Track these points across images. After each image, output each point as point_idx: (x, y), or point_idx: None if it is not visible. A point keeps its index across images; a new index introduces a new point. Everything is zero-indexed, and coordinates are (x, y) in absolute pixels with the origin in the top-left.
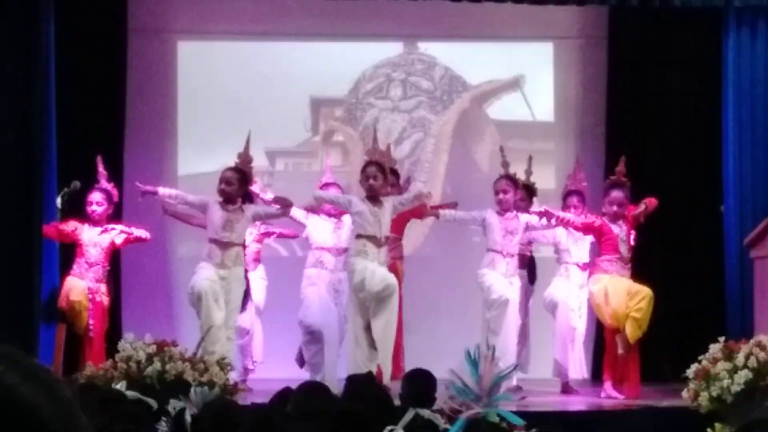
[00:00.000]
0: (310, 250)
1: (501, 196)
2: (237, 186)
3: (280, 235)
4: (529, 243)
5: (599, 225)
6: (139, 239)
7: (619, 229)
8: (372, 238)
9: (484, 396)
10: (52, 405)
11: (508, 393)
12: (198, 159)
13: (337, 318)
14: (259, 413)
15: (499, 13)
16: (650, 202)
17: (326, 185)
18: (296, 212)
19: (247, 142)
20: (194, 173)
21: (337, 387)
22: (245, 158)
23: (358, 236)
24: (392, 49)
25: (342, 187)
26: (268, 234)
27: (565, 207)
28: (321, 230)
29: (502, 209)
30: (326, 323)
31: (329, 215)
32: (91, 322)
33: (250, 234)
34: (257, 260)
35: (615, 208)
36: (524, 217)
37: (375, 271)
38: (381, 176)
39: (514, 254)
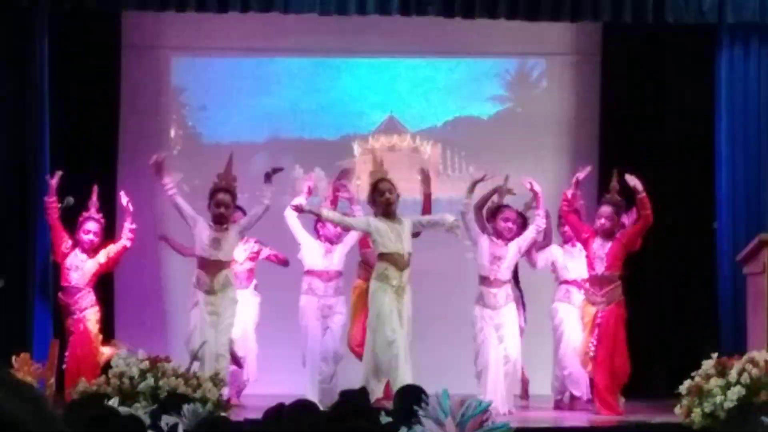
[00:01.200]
0: (303, 275)
1: (505, 224)
2: (232, 208)
3: (270, 258)
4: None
5: (586, 237)
6: (121, 251)
7: (599, 246)
8: (395, 257)
9: None
10: (38, 420)
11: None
12: (192, 175)
13: (320, 343)
14: (244, 430)
15: (492, 30)
16: (644, 212)
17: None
18: (294, 224)
19: (229, 162)
20: (187, 189)
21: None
22: (230, 177)
23: (380, 256)
24: (383, 65)
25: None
26: (258, 253)
27: (561, 226)
28: (312, 253)
29: (501, 238)
30: (310, 350)
31: (326, 238)
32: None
33: (244, 251)
34: (250, 278)
35: (602, 220)
36: (514, 245)
37: (397, 312)
38: (396, 192)
39: (504, 281)
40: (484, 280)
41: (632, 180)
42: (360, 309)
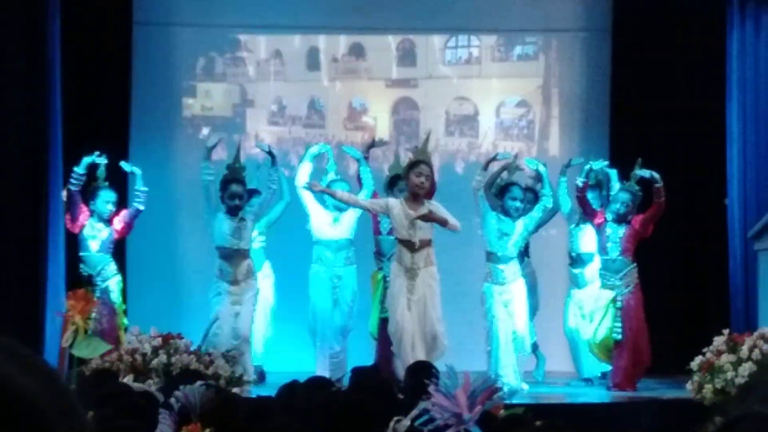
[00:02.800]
0: (313, 245)
1: (513, 203)
2: (245, 198)
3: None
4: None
5: (599, 222)
6: (134, 214)
7: (613, 231)
8: (405, 243)
9: (463, 415)
10: (50, 394)
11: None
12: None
13: (331, 314)
14: (256, 404)
15: (503, 7)
16: (658, 200)
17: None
18: (305, 194)
19: (238, 151)
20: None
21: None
22: (239, 167)
23: (396, 239)
24: (396, 42)
25: None
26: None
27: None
28: (321, 222)
29: (509, 215)
30: (319, 322)
31: (334, 206)
32: (104, 323)
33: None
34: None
35: (618, 206)
36: (521, 222)
37: (407, 294)
38: (431, 180)
39: (511, 257)
40: (491, 256)
41: (647, 171)
42: (378, 296)
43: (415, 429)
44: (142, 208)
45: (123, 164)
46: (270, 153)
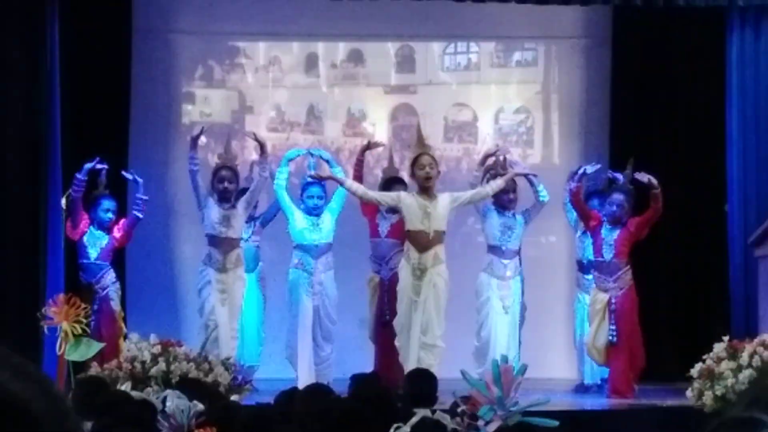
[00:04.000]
0: (293, 249)
1: (505, 196)
2: (235, 184)
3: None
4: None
5: (594, 224)
6: (133, 222)
7: (607, 233)
8: (418, 235)
9: (506, 407)
10: (43, 401)
11: (536, 400)
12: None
13: (310, 319)
14: (255, 411)
15: (503, 13)
16: (655, 206)
17: (309, 184)
18: (283, 196)
19: (229, 140)
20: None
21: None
22: (231, 155)
23: (407, 233)
24: (394, 48)
25: None
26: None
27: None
28: (300, 227)
29: (506, 209)
30: (301, 327)
31: (309, 213)
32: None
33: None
34: (254, 261)
35: (614, 208)
36: (521, 216)
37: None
38: (436, 168)
39: (514, 252)
40: (495, 250)
41: (645, 176)
42: (374, 300)
43: None
44: (140, 216)
45: (125, 173)
46: (257, 140)
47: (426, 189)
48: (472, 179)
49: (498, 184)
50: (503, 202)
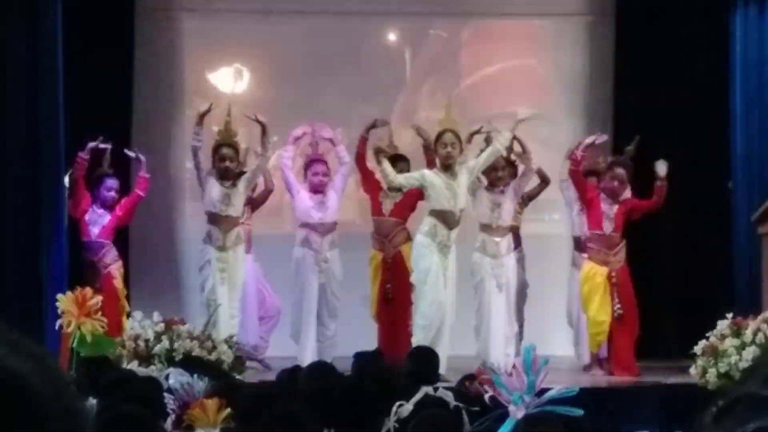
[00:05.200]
0: (298, 227)
1: (494, 173)
2: (236, 162)
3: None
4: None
5: (591, 197)
6: (135, 200)
7: (608, 207)
8: (446, 214)
9: (531, 399)
10: (41, 375)
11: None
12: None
13: (316, 297)
14: (258, 389)
15: None
16: (658, 200)
17: (313, 161)
18: (288, 174)
19: (228, 115)
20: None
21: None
22: (231, 132)
23: (431, 212)
24: (397, 26)
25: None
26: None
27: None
28: (306, 206)
29: (495, 187)
30: (306, 307)
31: (315, 191)
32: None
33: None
34: (249, 242)
35: (616, 183)
36: (510, 190)
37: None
38: (459, 145)
39: (505, 228)
40: (486, 228)
41: (664, 168)
42: (376, 278)
43: (417, 413)
44: (143, 194)
45: (128, 151)
46: (258, 121)
47: (447, 167)
48: (462, 158)
49: (506, 136)
50: (491, 179)
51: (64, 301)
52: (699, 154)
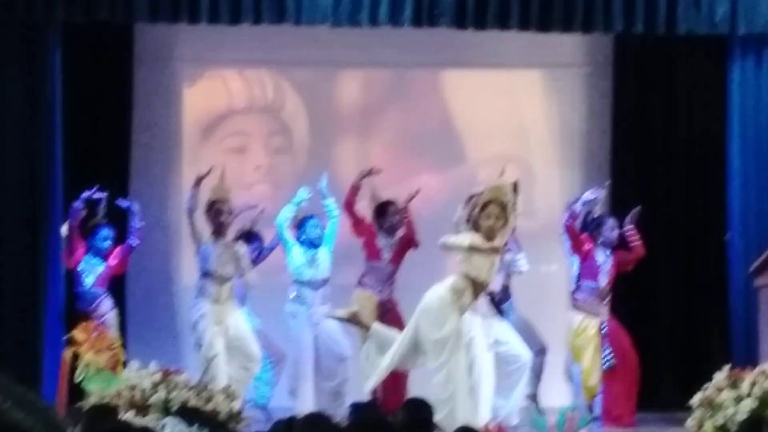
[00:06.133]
0: (291, 283)
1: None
2: (231, 217)
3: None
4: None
5: (587, 249)
6: (127, 250)
7: (604, 258)
8: (479, 285)
9: None
10: (44, 429)
11: None
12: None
13: (310, 350)
14: None
15: (504, 41)
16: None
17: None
18: (284, 231)
19: (222, 174)
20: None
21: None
22: (225, 189)
23: (467, 275)
24: (395, 76)
25: None
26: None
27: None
28: (298, 261)
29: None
30: (304, 361)
31: (310, 246)
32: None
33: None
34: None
35: (615, 233)
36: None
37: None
38: (503, 219)
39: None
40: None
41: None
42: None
43: None
44: (135, 243)
45: (120, 202)
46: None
47: (489, 239)
48: (456, 218)
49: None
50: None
51: (78, 333)
52: (696, 206)
